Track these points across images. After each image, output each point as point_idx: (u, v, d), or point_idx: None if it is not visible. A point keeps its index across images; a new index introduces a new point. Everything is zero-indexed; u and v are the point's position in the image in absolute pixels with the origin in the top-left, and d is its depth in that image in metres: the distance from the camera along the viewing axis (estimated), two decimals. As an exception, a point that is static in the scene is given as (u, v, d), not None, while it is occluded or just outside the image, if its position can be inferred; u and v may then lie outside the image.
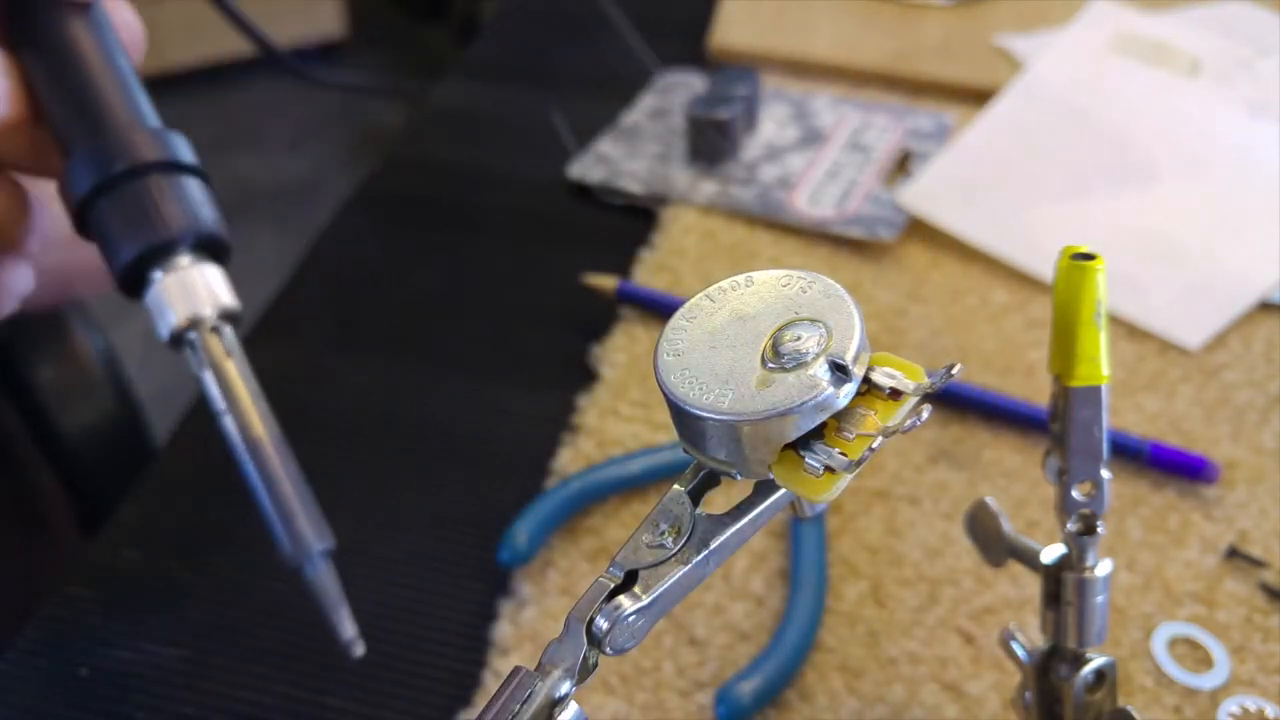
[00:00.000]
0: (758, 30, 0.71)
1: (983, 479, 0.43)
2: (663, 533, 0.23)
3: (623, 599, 0.22)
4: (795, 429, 0.21)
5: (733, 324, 0.23)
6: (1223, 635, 0.37)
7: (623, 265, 0.53)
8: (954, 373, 0.22)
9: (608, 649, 0.22)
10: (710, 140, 0.58)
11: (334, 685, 0.37)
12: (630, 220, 0.57)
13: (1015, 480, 0.43)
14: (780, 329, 0.22)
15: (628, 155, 0.60)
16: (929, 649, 0.37)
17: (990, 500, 0.31)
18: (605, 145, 0.61)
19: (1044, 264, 0.52)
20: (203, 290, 0.29)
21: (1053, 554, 0.29)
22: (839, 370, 0.21)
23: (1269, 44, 0.66)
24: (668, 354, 0.23)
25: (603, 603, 0.22)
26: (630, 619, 0.22)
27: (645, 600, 0.22)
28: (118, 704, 0.36)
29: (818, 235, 0.55)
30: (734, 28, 0.71)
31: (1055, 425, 0.27)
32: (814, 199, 0.56)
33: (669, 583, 0.22)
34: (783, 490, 0.23)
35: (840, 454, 0.21)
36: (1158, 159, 0.58)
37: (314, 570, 0.28)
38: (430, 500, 0.43)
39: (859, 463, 0.21)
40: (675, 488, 0.24)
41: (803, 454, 0.22)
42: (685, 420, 0.22)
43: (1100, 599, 0.29)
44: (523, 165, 0.61)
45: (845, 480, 0.21)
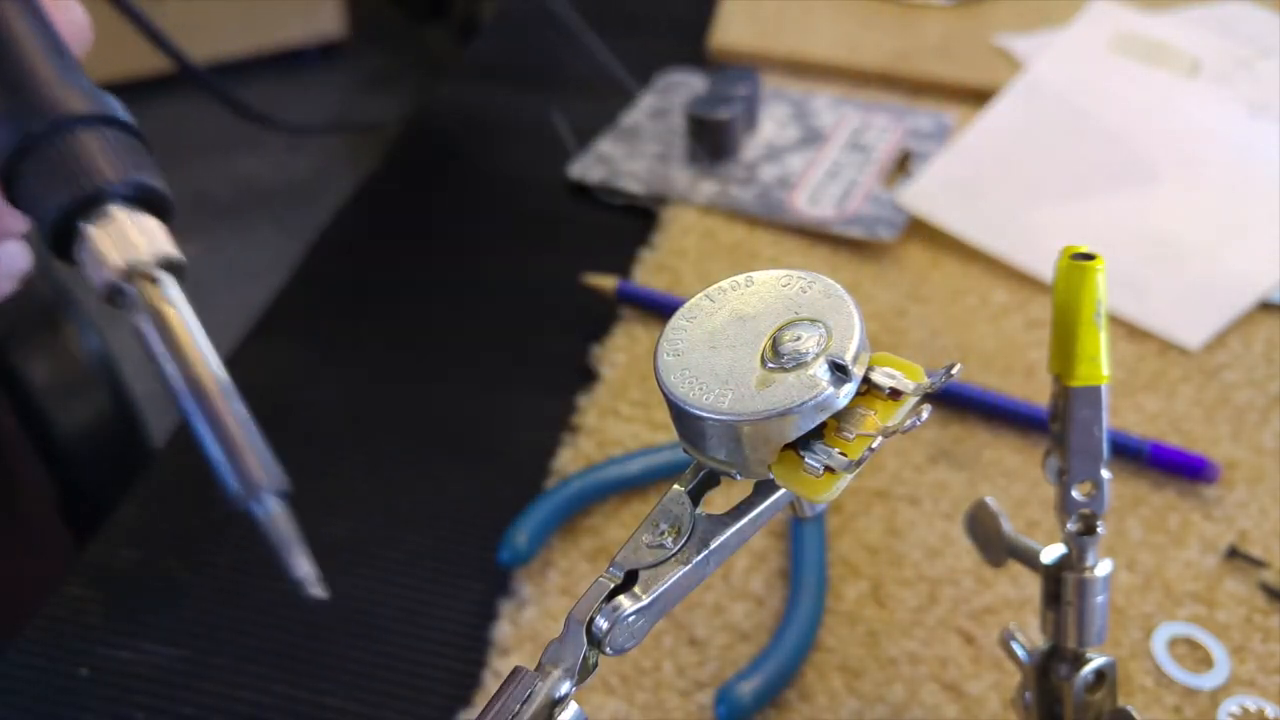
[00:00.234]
0: (758, 30, 0.70)
1: (983, 479, 0.43)
2: (663, 533, 0.23)
3: (623, 599, 0.22)
4: (795, 429, 0.21)
5: (733, 324, 0.23)
6: (1223, 635, 0.37)
7: (623, 265, 0.53)
8: (954, 373, 0.22)
9: (608, 649, 0.22)
10: (710, 140, 0.58)
11: (334, 685, 0.37)
12: (630, 220, 0.57)
13: (1015, 480, 0.43)
14: (780, 329, 0.22)
15: (628, 155, 0.60)
16: (929, 649, 0.37)
17: (990, 500, 0.31)
18: (605, 145, 0.61)
19: (1044, 264, 0.52)
20: (138, 238, 0.26)
21: (1053, 554, 0.29)
22: (839, 370, 0.21)
23: (1269, 44, 0.66)
24: (668, 354, 0.23)
25: (603, 603, 0.22)
26: (630, 619, 0.22)
27: (645, 600, 0.22)
28: (118, 704, 0.36)
29: (818, 235, 0.55)
30: (734, 28, 0.71)
31: (1055, 425, 0.27)
32: (814, 199, 0.56)
33: (669, 583, 0.22)
34: (783, 490, 0.23)
35: (840, 454, 0.21)
36: (1158, 159, 0.58)
37: (262, 509, 0.25)
38: (430, 500, 0.43)
39: (859, 463, 0.21)
40: (675, 488, 0.24)
41: (803, 454, 0.22)
42: (685, 420, 0.22)
43: (1100, 599, 0.29)
44: (523, 165, 0.61)
45: (845, 480, 0.21)
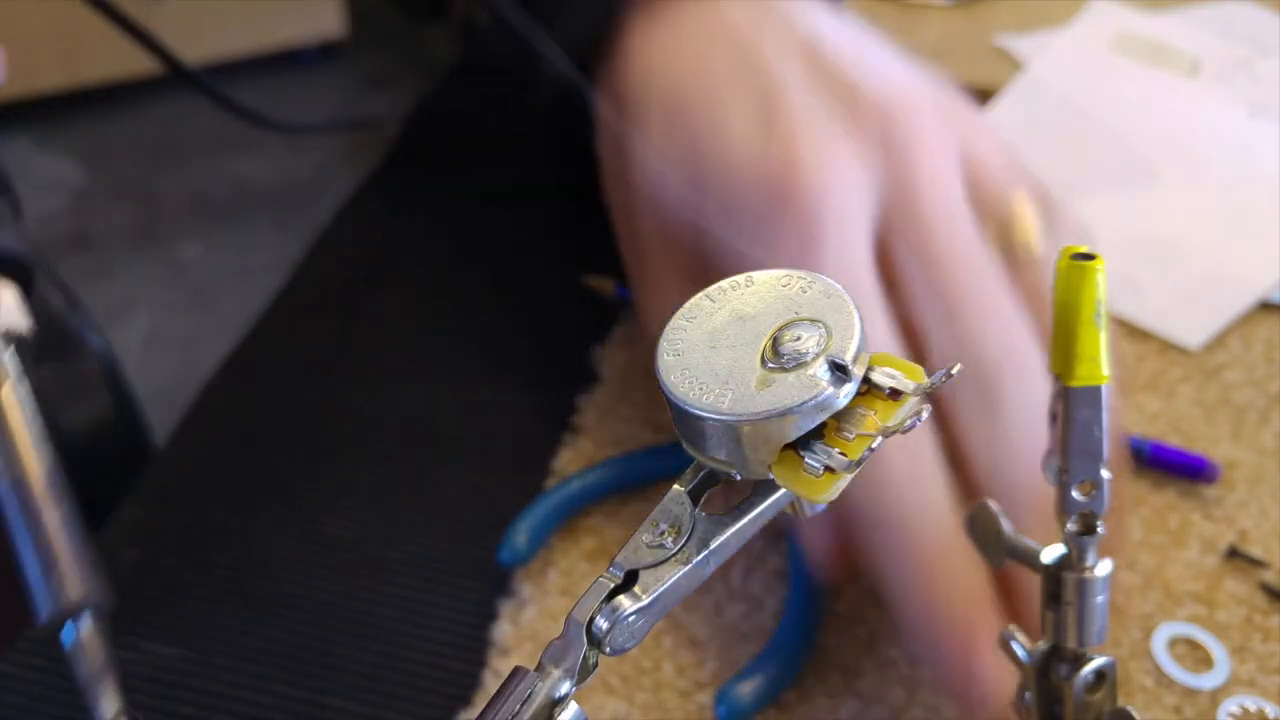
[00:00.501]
0: (758, 30, 0.70)
1: (983, 479, 0.43)
2: (663, 533, 0.23)
3: (623, 599, 0.22)
4: (795, 429, 0.21)
5: (733, 324, 0.23)
6: (1223, 635, 0.37)
7: (623, 265, 0.53)
8: (954, 373, 0.22)
9: (608, 649, 0.22)
10: (710, 140, 0.58)
11: (334, 685, 0.37)
12: (630, 220, 0.57)
13: (1015, 480, 0.42)
14: (780, 329, 0.22)
15: (628, 155, 0.60)
16: (929, 649, 0.37)
17: (990, 501, 0.31)
18: (605, 145, 0.61)
19: (1044, 264, 0.52)
20: None
21: (1053, 554, 0.29)
22: (839, 370, 0.21)
23: (1269, 44, 0.66)
24: (668, 354, 0.23)
25: (603, 603, 0.22)
26: (630, 619, 0.22)
27: (645, 600, 0.22)
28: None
29: (818, 235, 0.55)
30: (734, 28, 0.71)
31: (1055, 425, 0.27)
32: (814, 199, 0.56)
33: (669, 583, 0.22)
34: (783, 490, 0.22)
35: (840, 454, 0.21)
36: (1158, 159, 0.58)
37: (71, 633, 0.23)
38: (430, 500, 0.43)
39: (859, 463, 0.21)
40: (675, 488, 0.24)
41: (803, 454, 0.21)
42: (685, 420, 0.22)
43: (1100, 599, 0.29)
44: (523, 165, 0.61)
45: (845, 480, 0.21)
